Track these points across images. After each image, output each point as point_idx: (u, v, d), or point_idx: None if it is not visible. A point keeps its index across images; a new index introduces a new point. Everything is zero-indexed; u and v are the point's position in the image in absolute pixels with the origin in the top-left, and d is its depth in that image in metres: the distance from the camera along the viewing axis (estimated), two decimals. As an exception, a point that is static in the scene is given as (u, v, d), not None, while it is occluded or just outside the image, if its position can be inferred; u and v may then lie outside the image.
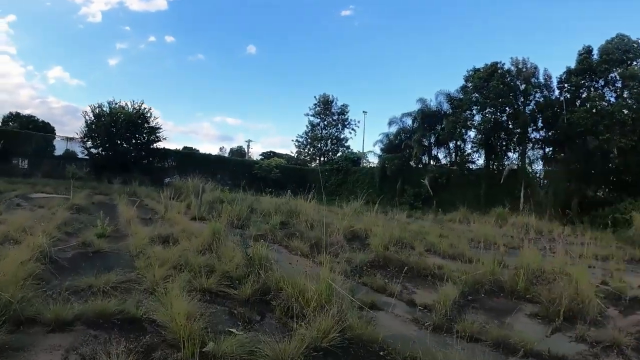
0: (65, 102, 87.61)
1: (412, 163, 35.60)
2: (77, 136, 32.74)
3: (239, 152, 65.40)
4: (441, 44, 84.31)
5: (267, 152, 59.98)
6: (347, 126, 55.14)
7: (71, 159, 33.62)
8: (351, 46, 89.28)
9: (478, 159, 33.06)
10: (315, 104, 55.04)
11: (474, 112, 31.82)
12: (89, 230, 9.15)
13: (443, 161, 35.65)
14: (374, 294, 6.57)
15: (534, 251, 8.89)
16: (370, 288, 6.97)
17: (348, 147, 54.10)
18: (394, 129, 36.69)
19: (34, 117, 40.35)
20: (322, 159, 54.00)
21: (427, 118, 34.15)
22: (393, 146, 36.46)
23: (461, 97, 32.43)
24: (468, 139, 33.07)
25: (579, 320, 5.92)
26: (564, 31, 66.09)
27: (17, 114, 40.65)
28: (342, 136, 55.03)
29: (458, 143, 33.76)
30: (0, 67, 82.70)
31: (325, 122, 54.93)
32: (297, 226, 12.40)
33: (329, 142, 54.50)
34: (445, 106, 33.82)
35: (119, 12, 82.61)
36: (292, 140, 57.54)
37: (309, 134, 55.29)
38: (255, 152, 66.59)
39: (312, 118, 55.50)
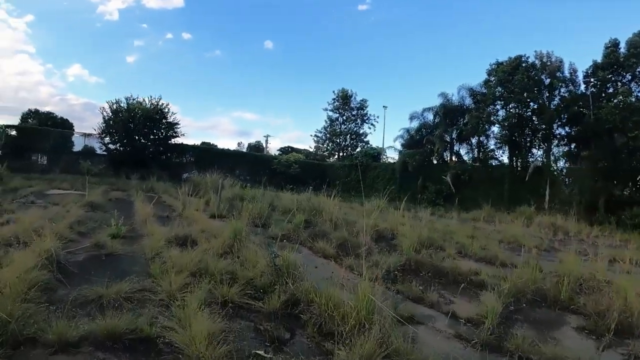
0: (84, 99, 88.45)
1: (433, 159, 34.85)
2: (94, 132, 32.65)
3: (256, 147, 64.81)
4: (460, 38, 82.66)
5: (285, 147, 59.24)
6: (367, 121, 54.25)
7: (89, 155, 33.52)
8: (369, 41, 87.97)
9: (502, 156, 32.20)
10: (333, 99, 54.32)
11: (498, 107, 30.90)
12: (103, 230, 8.64)
13: (465, 157, 34.71)
14: (411, 305, 5.96)
15: (573, 256, 8.28)
16: (406, 297, 6.36)
17: (367, 143, 53.40)
18: (415, 124, 36.01)
19: (53, 113, 40.62)
20: (340, 154, 53.32)
21: (449, 113, 33.36)
22: (414, 142, 35.77)
23: (484, 91, 31.46)
24: (491, 135, 32.15)
25: (628, 334, 5.43)
26: (587, 26, 64.16)
27: (36, 110, 40.91)
28: (361, 131, 54.27)
29: (481, 139, 32.84)
30: (19, 66, 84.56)
31: (344, 117, 54.16)
32: (322, 225, 11.85)
33: (347, 137, 53.74)
34: (468, 101, 32.95)
35: (136, 10, 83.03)
36: (311, 135, 57.01)
37: (328, 129, 54.62)
38: (273, 147, 66.05)
39: (330, 113, 54.84)
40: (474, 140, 33.43)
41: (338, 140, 53.78)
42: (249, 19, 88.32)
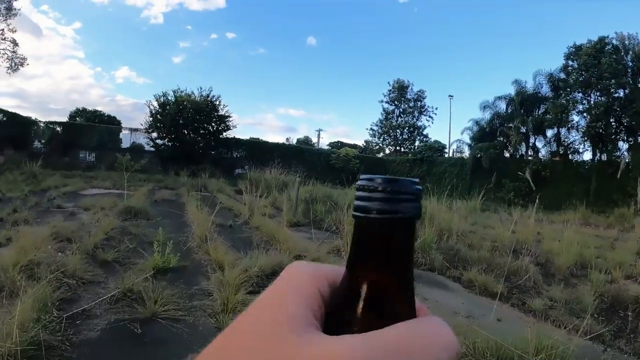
0: (133, 100, 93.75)
1: (506, 153, 31.70)
2: (141, 127, 30.71)
3: (305, 142, 62.51)
4: (523, 20, 77.64)
5: (335, 142, 57.46)
6: (424, 113, 50.71)
7: (138, 151, 31.91)
8: (415, 32, 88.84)
9: (586, 150, 29.24)
10: (389, 90, 51.12)
11: (581, 95, 27.76)
12: (142, 259, 5.40)
13: (542, 151, 31.55)
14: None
15: None
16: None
17: (426, 136, 49.90)
18: (487, 114, 32.80)
19: (100, 111, 40.91)
20: (397, 148, 50.00)
21: (524, 102, 30.38)
22: (484, 134, 32.68)
23: (564, 77, 28.11)
24: (573, 126, 28.99)
25: None
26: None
27: (84, 109, 41.40)
28: (419, 124, 50.69)
29: (560, 131, 29.36)
30: (70, 70, 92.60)
31: (401, 109, 50.77)
32: (444, 240, 8.54)
33: (404, 130, 50.25)
34: (545, 88, 29.99)
35: (180, 12, 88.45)
36: (367, 129, 54.69)
37: (384, 122, 51.28)
38: (322, 142, 63.85)
39: (386, 105, 51.64)
40: (549, 133, 30.46)
41: (395, 134, 50.42)
42: (290, 15, 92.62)
